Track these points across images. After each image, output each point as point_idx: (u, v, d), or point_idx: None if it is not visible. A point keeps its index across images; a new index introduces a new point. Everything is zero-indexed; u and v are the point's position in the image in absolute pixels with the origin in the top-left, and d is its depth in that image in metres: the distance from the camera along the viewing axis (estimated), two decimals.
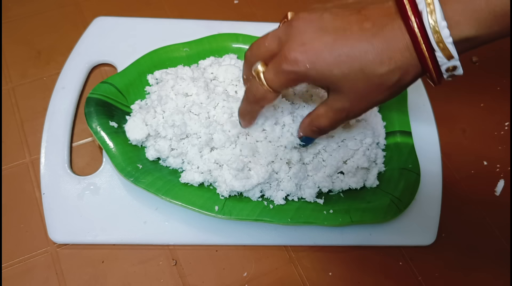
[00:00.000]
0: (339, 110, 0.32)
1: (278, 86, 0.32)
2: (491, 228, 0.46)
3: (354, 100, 0.31)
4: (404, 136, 0.45)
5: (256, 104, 0.35)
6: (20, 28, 0.53)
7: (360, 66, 0.29)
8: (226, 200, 0.40)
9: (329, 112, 0.33)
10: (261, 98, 0.33)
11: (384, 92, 0.30)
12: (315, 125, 0.35)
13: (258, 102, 0.34)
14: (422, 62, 0.28)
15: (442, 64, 0.28)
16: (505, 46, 0.58)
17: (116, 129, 0.42)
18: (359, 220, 0.40)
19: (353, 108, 0.32)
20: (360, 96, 0.31)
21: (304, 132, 0.37)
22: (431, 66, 0.28)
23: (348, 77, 0.29)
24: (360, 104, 0.32)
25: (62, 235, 0.40)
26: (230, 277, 0.41)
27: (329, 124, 0.34)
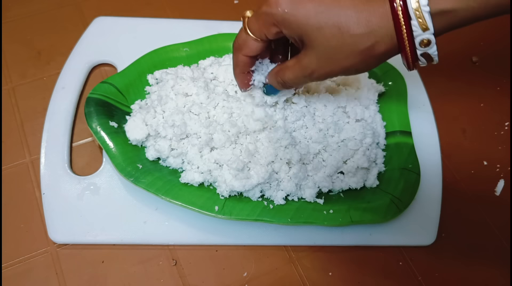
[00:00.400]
0: (306, 66, 0.32)
1: (257, 30, 0.32)
2: (491, 228, 0.46)
3: (322, 58, 0.31)
4: (404, 136, 0.45)
5: (239, 51, 0.35)
6: (20, 28, 0.53)
7: (336, 21, 0.29)
8: (226, 200, 0.40)
9: (296, 66, 0.33)
10: (242, 43, 0.34)
11: (353, 58, 0.30)
12: (280, 76, 0.35)
13: (241, 48, 0.34)
14: (397, 29, 0.28)
15: (416, 36, 0.28)
16: (505, 46, 0.58)
17: (116, 129, 0.42)
18: (359, 220, 0.40)
19: (319, 67, 0.32)
20: (328, 55, 0.31)
21: (270, 80, 0.37)
22: (405, 35, 0.28)
23: (322, 31, 0.29)
24: (326, 65, 0.31)
25: (62, 235, 0.40)
26: (230, 277, 0.41)
27: (293, 77, 0.34)
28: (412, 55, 0.30)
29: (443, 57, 0.57)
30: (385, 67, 0.49)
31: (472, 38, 0.59)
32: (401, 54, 0.30)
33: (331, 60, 0.31)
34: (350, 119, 0.44)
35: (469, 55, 0.57)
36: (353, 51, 0.30)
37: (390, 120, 0.47)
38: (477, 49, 0.57)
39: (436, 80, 0.54)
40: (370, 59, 0.30)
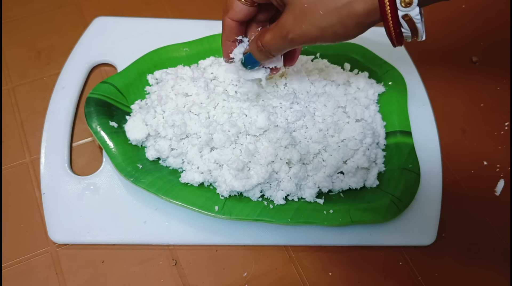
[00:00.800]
0: (282, 25, 0.31)
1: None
2: (491, 228, 0.46)
3: (298, 15, 0.30)
4: (404, 136, 0.45)
5: (226, 14, 0.35)
6: (20, 28, 0.53)
7: None
8: (226, 200, 0.40)
9: (274, 27, 0.32)
10: (229, 5, 0.34)
11: (330, 16, 0.29)
12: (260, 39, 0.34)
13: (227, 11, 0.34)
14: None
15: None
16: (505, 46, 0.58)
17: (116, 129, 0.42)
18: (359, 220, 0.40)
19: (295, 26, 0.31)
20: (305, 11, 0.29)
21: (250, 47, 0.36)
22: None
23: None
24: (303, 22, 0.30)
25: (62, 235, 0.40)
26: (230, 277, 0.41)
27: (270, 39, 0.33)
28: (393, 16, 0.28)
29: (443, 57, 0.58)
30: (385, 67, 0.49)
31: (472, 38, 0.59)
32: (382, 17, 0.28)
33: (307, 18, 0.30)
34: (350, 119, 0.44)
35: (469, 55, 0.57)
36: (329, 7, 0.28)
37: (390, 120, 0.47)
38: (477, 49, 0.57)
39: (436, 80, 0.54)
40: (348, 19, 0.29)
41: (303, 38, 0.31)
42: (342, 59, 0.50)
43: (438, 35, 0.58)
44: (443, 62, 0.56)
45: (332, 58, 0.50)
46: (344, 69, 0.49)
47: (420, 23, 0.28)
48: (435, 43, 0.57)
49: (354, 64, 0.50)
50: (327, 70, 0.48)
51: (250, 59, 0.36)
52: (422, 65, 0.54)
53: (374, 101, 0.47)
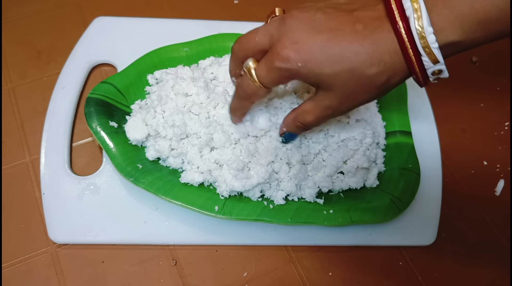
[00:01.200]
0: (327, 107, 0.33)
1: (269, 83, 0.33)
2: (491, 228, 0.46)
3: (342, 99, 0.32)
4: (404, 136, 0.45)
5: (247, 100, 0.36)
6: (20, 28, 0.53)
7: (350, 67, 0.29)
8: (226, 200, 0.40)
9: (316, 109, 0.34)
10: (252, 94, 0.34)
11: (372, 92, 0.31)
12: (300, 121, 0.36)
13: (250, 98, 0.35)
14: (409, 66, 0.29)
15: (428, 68, 0.29)
16: (505, 46, 0.58)
17: (116, 129, 0.42)
18: (359, 220, 0.40)
19: (341, 107, 0.33)
20: (348, 95, 0.32)
21: (288, 128, 0.38)
22: (417, 69, 0.29)
23: (339, 77, 0.30)
24: (347, 103, 0.32)
25: (62, 235, 0.40)
26: (230, 277, 0.41)
27: (314, 120, 0.35)
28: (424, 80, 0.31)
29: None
30: None
31: None
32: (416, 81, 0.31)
33: (351, 98, 0.32)
34: (350, 119, 0.44)
35: (469, 55, 0.57)
36: (370, 88, 0.31)
37: (390, 120, 0.47)
38: (477, 49, 0.57)
39: None
40: (387, 89, 0.32)
41: (349, 110, 0.34)
42: None
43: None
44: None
45: None
46: None
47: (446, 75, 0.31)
48: None
49: None
50: None
51: (290, 137, 0.39)
52: None
53: (374, 101, 0.47)
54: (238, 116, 0.39)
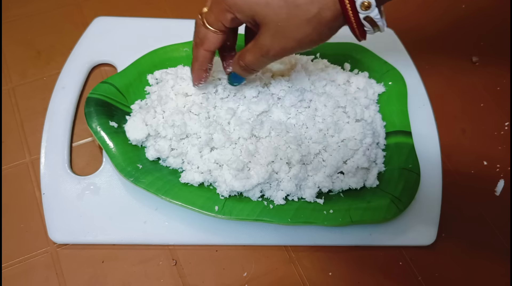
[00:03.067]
0: (261, 45, 0.34)
1: (214, 20, 0.34)
2: (491, 228, 0.46)
3: (275, 33, 0.32)
4: (404, 136, 0.45)
5: (199, 46, 0.36)
6: (20, 28, 0.53)
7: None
8: (226, 200, 0.40)
9: (254, 47, 0.35)
10: (202, 37, 0.35)
11: (304, 27, 0.31)
12: (241, 60, 0.37)
13: (202, 43, 0.36)
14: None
15: None
16: (505, 46, 0.58)
17: (116, 129, 0.42)
18: (359, 220, 0.40)
19: (274, 43, 0.33)
20: (280, 28, 0.32)
21: (234, 68, 0.39)
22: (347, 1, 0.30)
23: (270, 6, 0.31)
24: (280, 39, 0.33)
25: (62, 235, 0.40)
26: (230, 277, 0.41)
27: (252, 59, 0.35)
28: (356, 19, 0.31)
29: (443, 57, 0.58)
30: (385, 67, 0.49)
31: (472, 38, 0.59)
32: (346, 20, 0.31)
33: (283, 34, 0.32)
34: (350, 119, 0.44)
35: (469, 55, 0.57)
36: (301, 20, 0.31)
37: (390, 120, 0.47)
38: (477, 49, 0.58)
39: (436, 80, 0.54)
40: (320, 27, 0.32)
41: (283, 51, 0.34)
42: (342, 59, 0.50)
43: (438, 35, 0.58)
44: (443, 62, 0.56)
45: (332, 58, 0.50)
46: (344, 69, 0.49)
47: (380, 21, 0.31)
48: (435, 43, 0.57)
49: (354, 64, 0.50)
50: (327, 70, 0.48)
51: (235, 78, 0.40)
52: (422, 65, 0.54)
53: (374, 101, 0.47)
54: (195, 70, 0.39)
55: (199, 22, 0.35)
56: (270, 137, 0.41)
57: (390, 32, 0.56)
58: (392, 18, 0.58)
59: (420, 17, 0.59)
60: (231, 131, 0.42)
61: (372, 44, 0.50)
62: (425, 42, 0.57)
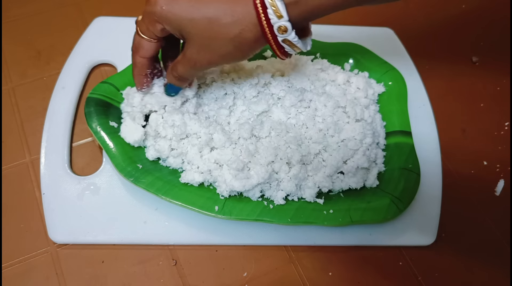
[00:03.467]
0: (189, 58, 0.35)
1: (145, 30, 0.35)
2: (491, 228, 0.46)
3: (200, 48, 0.34)
4: (404, 136, 0.45)
5: (136, 53, 0.37)
6: (20, 28, 0.53)
7: (205, 14, 0.32)
8: (226, 200, 0.40)
9: (183, 59, 0.36)
10: (137, 45, 0.37)
11: (227, 45, 0.33)
12: (174, 70, 0.38)
13: (137, 50, 0.37)
14: (258, 18, 0.31)
15: (274, 23, 0.31)
16: (505, 46, 0.58)
17: (116, 129, 0.42)
18: (359, 220, 0.40)
19: (200, 57, 0.35)
20: (204, 44, 0.33)
21: (168, 79, 0.39)
22: (264, 23, 0.31)
23: (195, 23, 0.32)
24: (205, 53, 0.34)
25: (62, 235, 0.40)
26: (230, 277, 0.41)
27: (183, 70, 0.37)
28: (275, 41, 0.32)
29: (443, 57, 0.58)
30: (385, 67, 0.49)
31: (472, 38, 0.59)
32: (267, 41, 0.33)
33: (208, 49, 0.34)
34: (350, 119, 0.44)
35: (469, 55, 0.57)
36: (224, 39, 0.32)
37: (390, 120, 0.47)
38: (477, 49, 0.58)
39: (436, 80, 0.54)
40: (243, 45, 0.33)
41: (210, 64, 0.35)
42: (342, 59, 0.50)
43: (438, 35, 0.58)
44: (443, 62, 0.56)
45: (332, 58, 0.50)
46: (344, 69, 0.49)
47: (298, 43, 0.33)
48: (435, 43, 0.57)
49: (354, 64, 0.50)
50: (327, 70, 0.48)
51: (172, 88, 0.40)
52: (422, 65, 0.54)
53: (374, 101, 0.47)
54: (136, 76, 0.40)
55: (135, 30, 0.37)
56: (270, 137, 0.41)
57: (390, 32, 0.56)
58: (392, 18, 0.58)
59: (420, 17, 0.59)
60: (231, 131, 0.42)
61: (372, 44, 0.50)
62: (425, 42, 0.57)
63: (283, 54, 0.34)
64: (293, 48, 0.33)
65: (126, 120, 0.43)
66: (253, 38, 0.32)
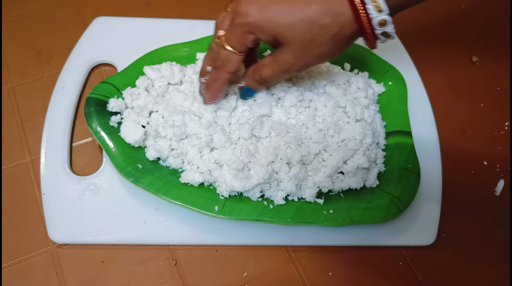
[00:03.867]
0: (283, 62, 0.35)
1: (236, 43, 0.35)
2: (491, 228, 0.46)
3: (297, 52, 0.34)
4: (404, 136, 0.45)
5: (222, 69, 0.37)
6: (20, 28, 0.53)
7: (305, 16, 0.32)
8: (226, 200, 0.40)
9: (273, 63, 0.36)
10: (225, 59, 0.36)
11: (326, 44, 0.33)
12: (258, 74, 0.37)
13: (224, 65, 0.36)
14: (356, 15, 0.31)
15: (373, 17, 0.32)
16: (505, 46, 0.58)
17: (116, 129, 0.42)
18: (359, 220, 0.40)
19: (297, 60, 0.35)
20: (303, 47, 0.33)
21: (247, 81, 0.39)
22: (363, 18, 0.32)
23: (293, 27, 0.32)
24: (302, 56, 0.34)
25: (62, 235, 0.40)
26: (230, 277, 0.41)
27: (271, 74, 0.36)
28: (373, 35, 0.33)
29: (443, 57, 0.58)
30: (385, 67, 0.49)
31: (472, 38, 0.59)
32: (363, 35, 0.33)
33: (306, 51, 0.34)
34: (350, 119, 0.44)
35: (469, 55, 0.57)
36: (324, 39, 0.33)
37: (390, 120, 0.47)
38: (477, 49, 0.57)
39: (436, 80, 0.54)
40: (340, 43, 0.34)
41: (305, 67, 0.36)
42: (342, 59, 0.50)
43: (438, 35, 0.58)
44: (443, 62, 0.56)
45: None
46: (344, 69, 0.49)
47: (393, 33, 0.33)
48: (435, 43, 0.57)
49: (354, 64, 0.50)
50: (327, 70, 0.48)
51: (248, 91, 0.41)
52: (422, 65, 0.54)
53: (374, 101, 0.47)
54: (213, 91, 0.39)
55: (220, 45, 0.35)
56: (270, 137, 0.41)
57: None
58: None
59: (420, 17, 0.59)
60: (231, 131, 0.42)
61: None
62: (425, 42, 0.57)
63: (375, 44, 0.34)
64: (388, 38, 0.33)
65: (126, 120, 0.43)
66: (350, 34, 0.33)
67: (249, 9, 0.32)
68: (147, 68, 0.46)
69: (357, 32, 0.33)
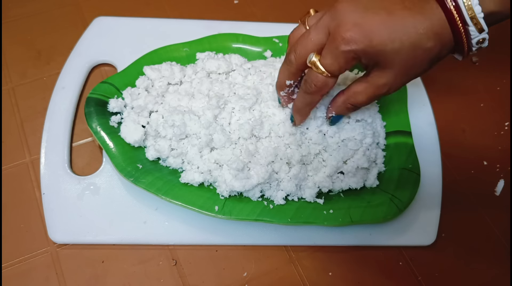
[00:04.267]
0: (382, 85, 0.34)
1: (336, 69, 0.33)
2: (491, 228, 0.46)
3: (400, 74, 0.33)
4: (404, 136, 0.45)
5: (317, 93, 0.35)
6: (20, 28, 0.53)
7: (411, 41, 0.31)
8: (226, 200, 0.40)
9: (369, 88, 0.35)
10: (322, 86, 0.34)
11: (424, 65, 0.33)
12: (351, 102, 0.37)
13: (320, 90, 0.35)
14: (457, 36, 0.31)
15: (474, 37, 0.31)
16: (505, 46, 0.58)
17: (116, 129, 0.43)
18: (359, 220, 0.40)
19: (396, 82, 0.34)
20: (405, 70, 0.33)
21: (338, 110, 0.39)
22: (464, 39, 0.31)
23: (400, 52, 0.31)
24: (403, 78, 0.34)
25: (62, 235, 0.40)
26: (230, 277, 0.41)
27: (367, 99, 0.36)
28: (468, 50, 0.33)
29: None
30: None
31: None
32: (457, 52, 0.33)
33: (406, 74, 0.34)
34: (350, 119, 0.44)
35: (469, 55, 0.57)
36: (425, 61, 0.33)
37: (390, 120, 0.47)
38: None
39: (436, 80, 0.54)
40: (436, 61, 0.34)
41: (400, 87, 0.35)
42: None
43: None
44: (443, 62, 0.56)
45: None
46: None
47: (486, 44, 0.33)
48: None
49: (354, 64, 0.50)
50: None
51: (337, 118, 0.41)
52: None
53: (374, 101, 0.47)
54: (303, 114, 0.39)
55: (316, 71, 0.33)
56: (270, 137, 0.41)
57: None
58: None
59: None
60: (231, 131, 0.42)
61: None
62: None
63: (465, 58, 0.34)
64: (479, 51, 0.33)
65: (126, 120, 0.43)
66: (446, 54, 0.33)
67: (356, 35, 0.31)
68: (147, 68, 0.46)
69: (452, 49, 0.33)
